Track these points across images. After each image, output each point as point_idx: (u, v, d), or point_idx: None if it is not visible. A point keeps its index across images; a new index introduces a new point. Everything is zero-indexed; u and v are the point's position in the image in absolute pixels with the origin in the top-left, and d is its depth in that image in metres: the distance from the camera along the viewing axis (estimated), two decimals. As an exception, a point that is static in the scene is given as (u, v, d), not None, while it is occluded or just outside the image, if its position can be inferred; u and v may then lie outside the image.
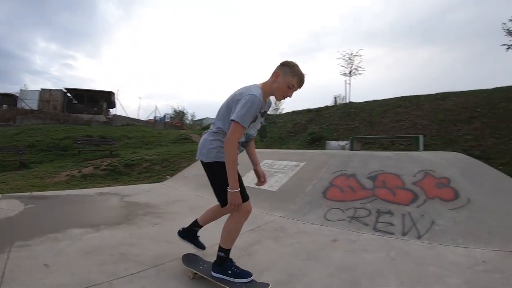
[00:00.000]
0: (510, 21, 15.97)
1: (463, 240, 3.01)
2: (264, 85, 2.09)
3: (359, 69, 22.00)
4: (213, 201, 2.27)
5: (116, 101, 36.13)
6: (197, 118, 47.62)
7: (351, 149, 8.67)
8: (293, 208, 4.39)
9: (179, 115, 43.78)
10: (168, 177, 7.85)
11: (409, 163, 4.55)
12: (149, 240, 3.13)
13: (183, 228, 2.55)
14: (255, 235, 3.40)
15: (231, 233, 2.11)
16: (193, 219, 2.55)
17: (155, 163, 9.39)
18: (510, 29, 15.90)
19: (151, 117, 39.09)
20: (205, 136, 2.19)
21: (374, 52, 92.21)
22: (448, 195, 3.72)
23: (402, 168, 4.45)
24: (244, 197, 2.01)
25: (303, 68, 2.07)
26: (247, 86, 2.07)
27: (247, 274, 2.09)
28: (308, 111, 16.85)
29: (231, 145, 1.92)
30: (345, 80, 21.97)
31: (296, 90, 2.08)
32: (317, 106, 17.07)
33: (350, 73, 21.92)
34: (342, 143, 9.41)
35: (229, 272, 2.09)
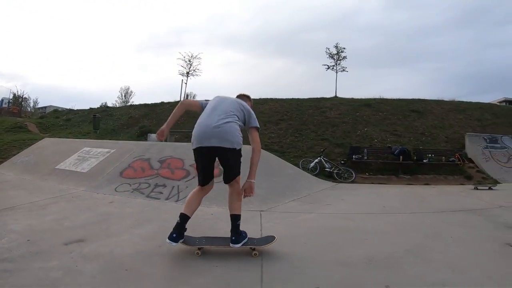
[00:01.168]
0: (334, 46, 21.54)
1: (211, 203, 4.24)
2: None
3: (197, 70, 23.91)
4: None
5: None
6: (40, 105, 41.48)
7: (166, 140, 10.13)
8: (94, 184, 5.53)
9: (18, 100, 36.74)
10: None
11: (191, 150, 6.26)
12: None
13: (176, 233, 2.54)
14: (56, 200, 4.54)
15: (239, 206, 2.71)
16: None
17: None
18: (331, 53, 21.47)
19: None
20: (232, 125, 2.58)
21: (235, 56, 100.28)
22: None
23: (187, 154, 5.99)
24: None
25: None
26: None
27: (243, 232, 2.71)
28: (145, 105, 17.48)
29: (260, 147, 2.80)
30: (182, 80, 23.42)
31: None
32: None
33: (187, 73, 23.58)
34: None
35: (243, 234, 2.66)
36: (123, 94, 42.89)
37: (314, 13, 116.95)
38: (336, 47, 22.11)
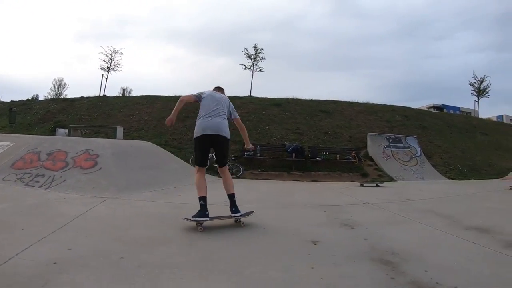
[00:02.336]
0: (253, 47, 22.54)
1: (72, 190, 5.21)
2: None
3: (118, 66, 23.64)
4: None
5: None
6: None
7: (69, 135, 10.40)
8: (-14, 174, 5.95)
9: None
10: None
11: (81, 144, 6.97)
12: None
13: (207, 211, 3.38)
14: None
15: (232, 184, 3.69)
16: None
17: None
18: (249, 53, 22.57)
19: None
20: (222, 120, 3.64)
21: (177, 51, 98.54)
22: (88, 164, 6.16)
23: (74, 148, 6.68)
24: None
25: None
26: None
27: None
28: (64, 100, 17.51)
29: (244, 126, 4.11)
30: (103, 75, 23.00)
31: None
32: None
33: (108, 68, 23.24)
34: (66, 130, 11.01)
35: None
36: (56, 87, 40.26)
37: (262, 14, 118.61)
38: (255, 47, 22.95)
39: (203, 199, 3.43)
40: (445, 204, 5.73)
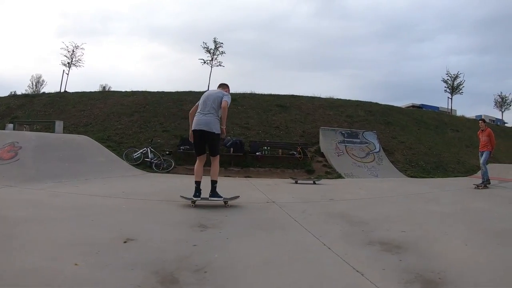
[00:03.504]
0: (213, 41, 21.48)
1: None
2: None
3: (79, 61, 22.87)
4: None
5: None
6: None
7: (14, 129, 9.68)
8: None
9: None
10: None
11: (10, 137, 6.90)
12: None
13: (199, 193, 4.03)
14: None
15: (217, 172, 4.17)
16: None
17: None
18: (208, 48, 21.35)
19: None
20: (210, 118, 4.02)
21: (159, 48, 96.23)
22: (9, 156, 6.15)
23: (3, 140, 6.66)
24: None
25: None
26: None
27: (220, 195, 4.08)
28: (25, 96, 16.75)
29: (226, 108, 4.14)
30: (63, 70, 22.28)
31: None
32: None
33: (69, 64, 22.42)
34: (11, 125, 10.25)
35: (218, 193, 4.07)
36: (34, 83, 38.48)
37: (246, 13, 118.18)
38: (215, 41, 21.89)
39: (197, 183, 4.05)
40: (372, 207, 4.56)
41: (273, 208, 4.22)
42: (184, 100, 13.18)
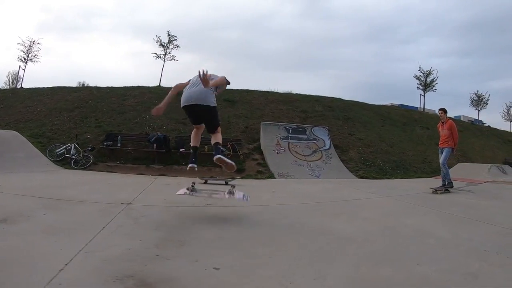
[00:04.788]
0: (166, 34, 21.29)
1: None
2: None
3: (36, 57, 22.66)
4: None
5: None
6: None
7: None
8: None
9: None
10: None
11: None
12: None
13: (194, 158, 3.80)
14: None
15: (220, 138, 3.63)
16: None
17: None
18: (162, 41, 21.10)
19: None
20: (201, 90, 3.27)
21: (142, 46, 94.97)
22: None
23: None
24: None
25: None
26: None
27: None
28: None
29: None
30: (20, 66, 22.41)
31: None
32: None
33: (25, 59, 22.31)
34: None
35: (223, 151, 3.67)
36: (11, 80, 37.77)
37: (230, 12, 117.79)
38: (168, 34, 21.43)
39: (193, 148, 3.93)
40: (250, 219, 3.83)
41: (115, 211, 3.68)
42: (129, 95, 12.76)
